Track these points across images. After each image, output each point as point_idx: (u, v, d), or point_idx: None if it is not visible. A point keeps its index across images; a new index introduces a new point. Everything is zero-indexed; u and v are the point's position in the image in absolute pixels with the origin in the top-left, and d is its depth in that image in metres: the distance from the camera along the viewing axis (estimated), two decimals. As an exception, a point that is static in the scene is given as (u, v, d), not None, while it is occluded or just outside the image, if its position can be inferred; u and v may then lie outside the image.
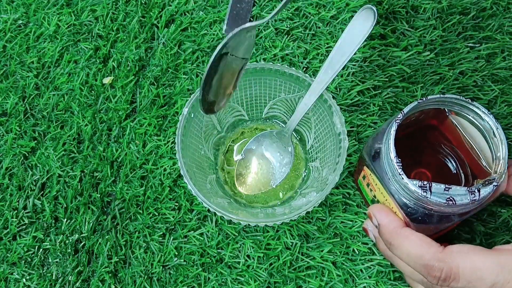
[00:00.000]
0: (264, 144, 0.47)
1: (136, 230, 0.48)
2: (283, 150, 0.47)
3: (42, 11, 0.58)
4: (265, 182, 0.47)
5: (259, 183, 0.47)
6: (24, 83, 0.55)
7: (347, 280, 0.45)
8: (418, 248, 0.34)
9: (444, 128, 0.40)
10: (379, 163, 0.37)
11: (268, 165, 0.47)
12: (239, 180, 0.47)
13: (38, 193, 0.50)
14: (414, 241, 0.35)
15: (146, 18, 0.57)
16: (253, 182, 0.47)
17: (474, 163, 0.39)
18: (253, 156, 0.47)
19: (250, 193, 0.47)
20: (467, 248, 0.33)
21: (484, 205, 0.35)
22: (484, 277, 0.32)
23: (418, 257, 0.34)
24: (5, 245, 0.49)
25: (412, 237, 0.35)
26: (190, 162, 0.42)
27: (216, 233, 0.47)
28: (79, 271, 0.47)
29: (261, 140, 0.47)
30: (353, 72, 0.52)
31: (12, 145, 0.52)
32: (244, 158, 0.47)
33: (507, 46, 0.53)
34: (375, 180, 0.38)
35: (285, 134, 0.46)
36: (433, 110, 0.38)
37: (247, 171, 0.47)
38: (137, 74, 0.54)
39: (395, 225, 0.36)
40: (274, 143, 0.47)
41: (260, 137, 0.47)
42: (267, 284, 0.46)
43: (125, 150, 0.51)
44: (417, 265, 0.34)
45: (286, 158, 0.47)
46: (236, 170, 0.47)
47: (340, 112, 0.42)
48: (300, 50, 0.54)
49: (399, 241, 0.35)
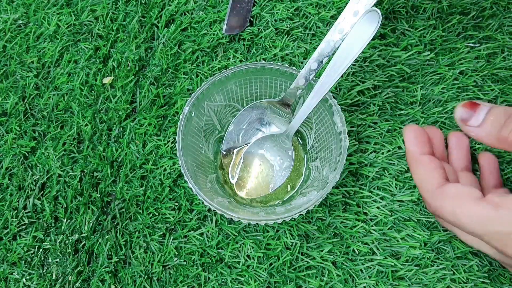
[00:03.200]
0: (265, 147, 0.47)
1: (136, 230, 0.48)
2: (284, 154, 0.47)
3: (42, 11, 0.58)
4: (265, 186, 0.47)
5: (259, 186, 0.47)
6: (24, 83, 0.55)
7: (347, 280, 0.45)
8: (423, 178, 0.38)
9: None
10: None
11: (268, 169, 0.47)
12: (238, 184, 0.47)
13: (38, 193, 0.50)
14: (423, 170, 0.38)
15: (146, 18, 0.57)
16: (252, 186, 0.47)
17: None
18: (254, 160, 0.47)
19: (249, 197, 0.47)
20: (461, 195, 0.35)
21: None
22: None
23: (421, 187, 0.38)
24: (5, 245, 0.49)
25: (423, 166, 0.38)
26: (191, 161, 0.42)
27: (216, 233, 0.47)
28: (79, 271, 0.47)
29: (262, 143, 0.47)
30: (353, 72, 0.52)
31: (12, 145, 0.52)
32: (245, 161, 0.47)
33: (507, 46, 0.53)
34: None
35: (286, 137, 0.46)
36: None
37: (247, 174, 0.47)
38: (137, 74, 0.54)
39: (415, 151, 0.39)
40: (275, 146, 0.47)
41: (260, 140, 0.47)
42: (267, 284, 0.46)
43: (125, 150, 0.51)
44: (421, 193, 0.39)
45: (286, 162, 0.47)
46: (232, 170, 0.47)
47: (340, 112, 0.42)
48: (300, 50, 0.54)
49: (414, 168, 0.39)
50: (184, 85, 0.53)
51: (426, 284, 0.44)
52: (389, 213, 0.47)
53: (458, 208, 0.34)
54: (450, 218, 0.35)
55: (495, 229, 0.32)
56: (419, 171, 0.38)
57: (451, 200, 0.35)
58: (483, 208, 0.33)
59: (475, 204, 0.34)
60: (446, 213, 0.35)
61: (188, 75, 0.54)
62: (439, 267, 0.45)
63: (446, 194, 0.36)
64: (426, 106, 0.51)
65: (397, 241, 0.46)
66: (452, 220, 0.35)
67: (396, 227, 0.47)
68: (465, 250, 0.45)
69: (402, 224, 0.46)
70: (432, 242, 0.46)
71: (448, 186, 0.36)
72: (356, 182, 0.48)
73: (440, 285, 0.44)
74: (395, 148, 0.49)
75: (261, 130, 0.49)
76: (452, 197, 0.35)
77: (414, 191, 0.47)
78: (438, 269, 0.45)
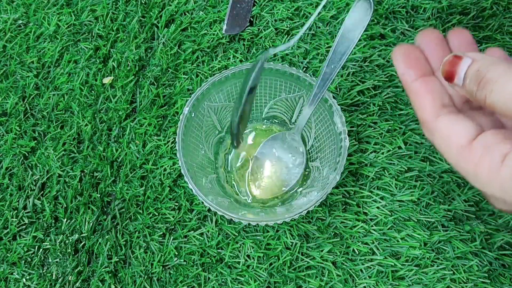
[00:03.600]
0: (275, 147, 0.47)
1: (136, 230, 0.48)
2: (295, 150, 0.47)
3: (42, 11, 0.58)
4: (280, 185, 0.47)
5: (274, 186, 0.47)
6: (24, 83, 0.55)
7: (347, 280, 0.45)
8: (415, 107, 0.33)
9: None
10: None
11: (281, 167, 0.47)
12: (253, 185, 0.47)
13: (38, 193, 0.50)
14: (415, 98, 0.33)
15: (146, 18, 0.57)
16: (267, 185, 0.47)
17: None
18: (266, 160, 0.47)
19: (265, 196, 0.47)
20: (449, 138, 0.30)
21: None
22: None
23: (417, 115, 0.33)
24: (5, 245, 0.49)
25: (414, 94, 0.33)
26: (191, 162, 0.42)
27: (216, 233, 0.47)
28: (79, 271, 0.47)
29: (272, 143, 0.47)
30: (353, 72, 0.52)
31: (12, 145, 0.52)
32: (257, 163, 0.47)
33: (507, 46, 0.53)
34: None
35: (295, 134, 0.46)
36: None
37: (261, 175, 0.47)
38: (137, 74, 0.54)
39: (406, 79, 0.34)
40: (285, 144, 0.47)
41: (270, 140, 0.47)
42: (267, 284, 0.46)
43: (125, 150, 0.51)
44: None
45: (298, 159, 0.47)
46: (249, 175, 0.47)
47: (340, 112, 0.42)
48: (300, 50, 0.54)
49: (409, 96, 0.34)
50: (184, 85, 0.53)
51: (426, 284, 0.45)
52: (389, 213, 0.47)
53: (445, 154, 0.30)
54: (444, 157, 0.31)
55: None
56: (413, 98, 0.33)
57: (440, 141, 0.31)
58: (466, 164, 0.29)
59: (458, 154, 0.29)
60: (439, 151, 0.31)
61: (188, 75, 0.54)
62: (439, 267, 0.45)
63: (436, 131, 0.31)
64: (426, 106, 0.51)
65: (397, 241, 0.46)
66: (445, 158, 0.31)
67: (396, 227, 0.47)
68: (465, 250, 0.45)
69: (402, 224, 0.47)
70: (432, 242, 0.46)
71: (439, 121, 0.31)
72: (356, 182, 0.48)
73: (440, 285, 0.44)
74: (395, 148, 0.49)
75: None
76: (441, 137, 0.31)
77: (414, 191, 0.47)
78: (438, 269, 0.45)
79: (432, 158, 0.49)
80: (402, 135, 0.50)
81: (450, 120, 0.31)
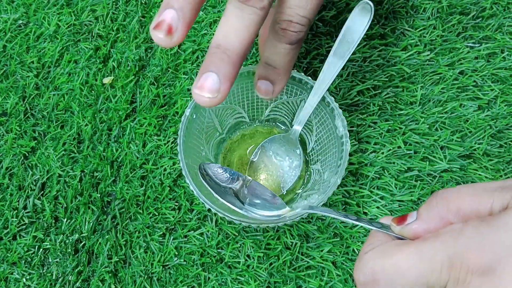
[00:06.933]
0: (273, 149, 0.47)
1: (136, 230, 0.48)
2: (292, 153, 0.47)
3: (42, 11, 0.58)
4: (276, 188, 0.47)
5: (271, 189, 0.47)
6: (24, 83, 0.55)
7: (347, 280, 0.45)
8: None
9: None
10: None
11: (278, 170, 0.47)
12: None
13: (38, 193, 0.50)
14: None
15: (146, 18, 0.57)
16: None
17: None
18: (263, 163, 0.47)
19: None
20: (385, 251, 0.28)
21: None
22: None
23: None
24: (5, 245, 0.49)
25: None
26: (192, 163, 0.42)
27: (216, 233, 0.47)
28: (79, 271, 0.47)
29: (269, 145, 0.47)
30: (353, 72, 0.52)
31: (12, 145, 0.52)
32: (253, 165, 0.47)
33: (507, 46, 0.53)
34: None
35: (293, 137, 0.46)
36: None
37: (258, 178, 0.47)
38: (137, 74, 0.54)
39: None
40: (283, 147, 0.47)
41: (267, 142, 0.47)
42: (267, 284, 0.46)
43: (125, 150, 0.51)
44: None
45: (295, 161, 0.47)
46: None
47: (342, 115, 0.42)
48: (300, 50, 0.54)
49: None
50: (184, 85, 0.53)
51: (426, 284, 0.45)
52: (389, 212, 0.47)
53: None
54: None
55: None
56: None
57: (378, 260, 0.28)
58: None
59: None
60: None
61: (188, 75, 0.54)
62: (439, 267, 0.45)
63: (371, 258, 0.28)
64: (426, 106, 0.51)
65: (397, 241, 0.46)
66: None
67: (395, 227, 0.47)
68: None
69: (401, 224, 0.47)
70: (432, 242, 0.46)
71: (364, 256, 0.29)
72: (356, 182, 0.48)
73: (440, 285, 0.44)
74: (395, 148, 0.49)
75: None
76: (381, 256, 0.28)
77: (414, 191, 0.48)
78: (437, 269, 0.45)
79: (432, 158, 0.49)
80: (402, 135, 0.50)
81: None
